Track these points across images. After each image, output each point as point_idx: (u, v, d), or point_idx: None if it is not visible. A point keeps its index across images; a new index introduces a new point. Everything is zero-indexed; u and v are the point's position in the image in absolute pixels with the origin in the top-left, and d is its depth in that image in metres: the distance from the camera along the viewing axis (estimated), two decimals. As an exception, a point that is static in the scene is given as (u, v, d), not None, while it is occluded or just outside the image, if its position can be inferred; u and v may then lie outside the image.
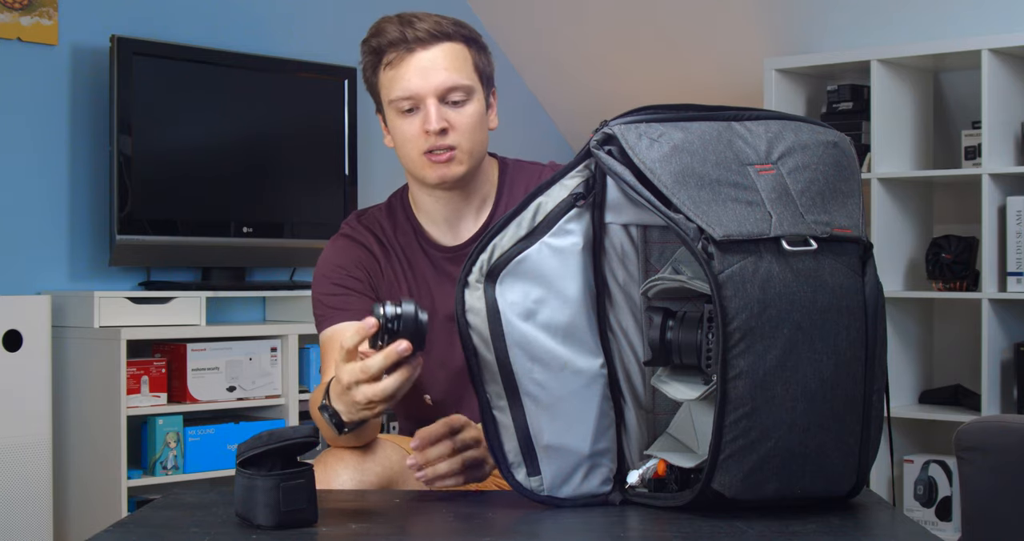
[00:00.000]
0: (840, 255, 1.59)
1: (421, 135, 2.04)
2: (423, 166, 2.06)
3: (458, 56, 2.06)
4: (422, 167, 2.06)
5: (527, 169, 2.20)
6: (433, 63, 2.03)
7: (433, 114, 2.03)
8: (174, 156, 4.08)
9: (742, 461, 1.54)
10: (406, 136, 2.06)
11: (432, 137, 2.03)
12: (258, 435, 1.58)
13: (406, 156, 2.08)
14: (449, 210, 2.13)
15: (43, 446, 3.64)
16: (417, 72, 2.03)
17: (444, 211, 2.14)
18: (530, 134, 5.25)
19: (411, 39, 2.03)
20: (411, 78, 2.03)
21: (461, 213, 2.14)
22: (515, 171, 2.19)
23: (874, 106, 4.15)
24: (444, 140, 2.04)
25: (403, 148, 2.08)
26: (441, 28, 2.05)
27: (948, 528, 4.00)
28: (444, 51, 2.05)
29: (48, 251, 3.97)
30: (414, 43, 2.03)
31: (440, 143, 2.04)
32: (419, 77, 2.03)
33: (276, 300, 4.35)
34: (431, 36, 2.04)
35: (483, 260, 1.67)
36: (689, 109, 1.67)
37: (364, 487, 1.91)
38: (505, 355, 1.67)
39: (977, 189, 3.99)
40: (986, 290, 3.94)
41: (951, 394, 4.20)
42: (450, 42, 2.06)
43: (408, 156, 2.08)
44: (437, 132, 2.03)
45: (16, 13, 3.89)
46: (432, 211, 2.15)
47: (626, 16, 4.83)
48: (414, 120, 2.05)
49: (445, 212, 2.14)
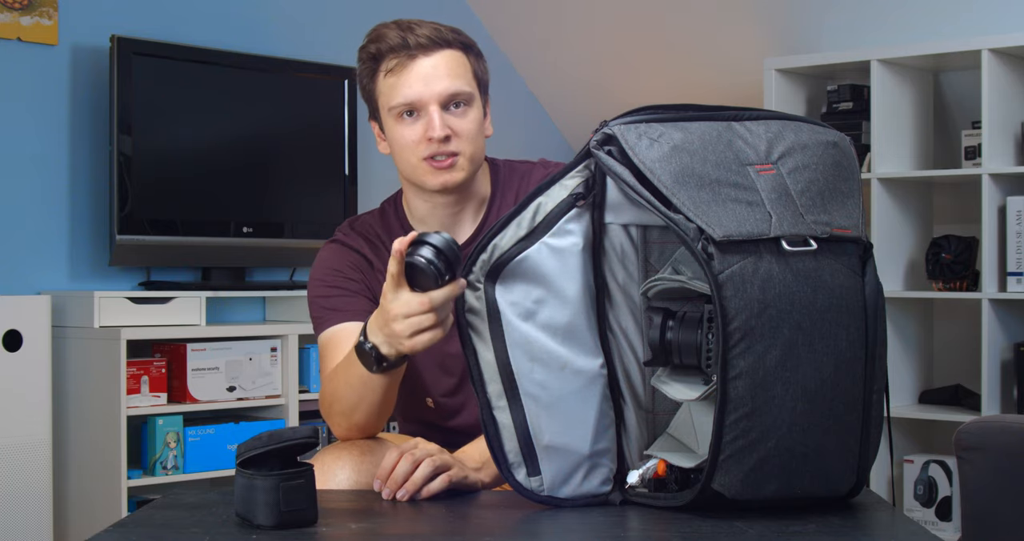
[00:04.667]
0: (840, 255, 1.59)
1: (423, 141, 2.04)
2: (425, 172, 2.05)
3: (459, 63, 2.06)
4: (424, 173, 2.06)
5: (519, 169, 2.20)
6: (435, 70, 2.03)
7: (437, 121, 2.02)
8: (174, 156, 4.08)
9: (742, 461, 1.54)
10: (407, 142, 2.05)
11: (435, 144, 2.03)
12: (258, 436, 1.58)
13: (406, 162, 2.07)
14: (446, 215, 2.13)
15: (43, 446, 3.64)
16: (420, 79, 2.02)
17: (441, 216, 2.13)
18: (530, 134, 5.25)
19: (412, 45, 2.02)
20: (413, 84, 2.02)
21: (457, 218, 2.14)
22: (507, 172, 2.19)
23: (874, 106, 4.14)
24: (447, 147, 2.03)
25: (403, 153, 2.07)
26: (441, 35, 2.05)
27: (948, 528, 4.00)
28: (445, 58, 2.04)
29: (48, 251, 3.97)
30: (416, 49, 2.02)
31: (443, 149, 2.03)
32: (422, 83, 2.02)
33: (276, 300, 4.35)
34: (432, 43, 2.03)
35: (483, 260, 1.68)
36: (689, 109, 1.67)
37: (361, 487, 1.91)
38: (505, 355, 1.67)
39: (977, 189, 3.98)
40: (986, 290, 3.94)
41: (951, 394, 4.20)
42: (450, 49, 2.05)
43: (408, 162, 2.07)
44: (441, 139, 2.02)
45: (16, 13, 3.89)
46: (428, 216, 2.14)
47: (626, 16, 4.83)
48: (415, 126, 2.04)
49: (442, 217, 2.13)
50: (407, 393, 2.12)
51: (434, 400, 2.16)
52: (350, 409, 1.96)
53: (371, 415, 1.97)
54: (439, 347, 2.04)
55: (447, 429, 2.16)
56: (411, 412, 2.22)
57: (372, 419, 1.98)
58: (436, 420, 2.18)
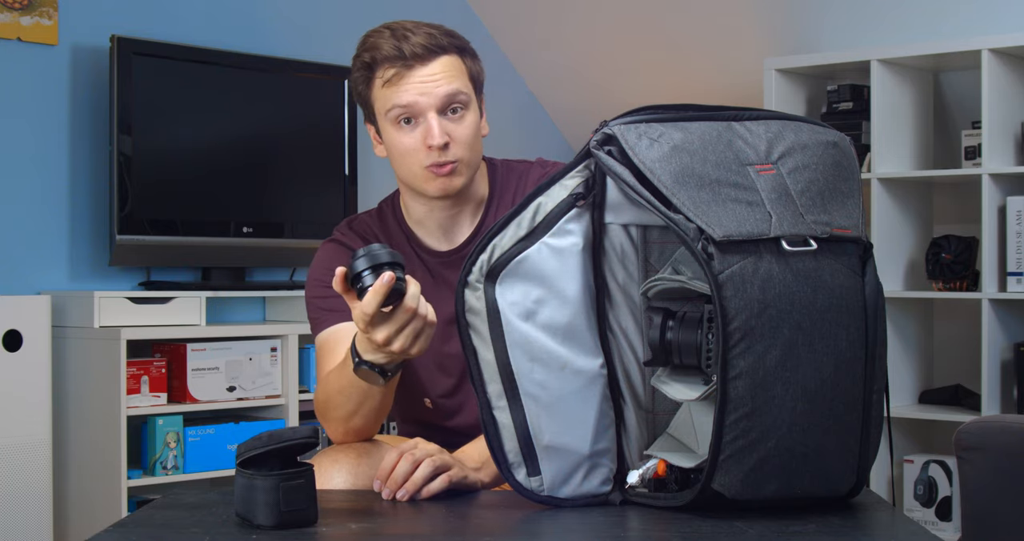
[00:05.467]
0: (840, 255, 1.59)
1: (422, 149, 2.02)
2: (425, 179, 2.05)
3: (455, 68, 2.04)
4: (424, 180, 2.05)
5: (516, 169, 2.19)
6: (432, 78, 2.01)
7: (436, 129, 2.01)
8: (174, 156, 4.08)
9: (742, 461, 1.54)
10: (406, 149, 2.04)
11: (435, 151, 2.02)
12: (258, 436, 1.58)
13: (406, 168, 2.06)
14: (444, 217, 2.12)
15: (43, 446, 3.64)
16: (416, 86, 2.01)
17: (440, 218, 2.12)
18: (530, 134, 5.24)
19: (408, 55, 2.01)
20: (409, 92, 2.01)
21: (456, 220, 2.13)
22: (505, 172, 2.18)
23: (874, 106, 4.14)
24: (446, 154, 2.02)
25: (402, 160, 2.06)
26: (436, 41, 2.03)
27: (948, 528, 4.00)
28: (442, 65, 2.03)
29: (48, 251, 3.97)
30: (412, 59, 2.01)
31: (442, 158, 2.02)
32: (418, 91, 2.01)
33: (276, 300, 4.35)
34: (427, 51, 2.01)
35: (483, 260, 1.68)
36: (689, 109, 1.67)
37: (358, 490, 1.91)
38: (505, 355, 1.67)
39: (977, 189, 3.98)
40: (986, 290, 3.94)
41: (951, 394, 4.19)
42: (446, 55, 2.03)
43: (408, 169, 2.06)
44: (440, 147, 2.02)
45: (16, 13, 3.89)
46: (426, 219, 2.13)
47: (626, 16, 4.83)
48: (413, 133, 2.03)
49: (440, 219, 2.13)
50: (405, 394, 2.12)
51: (432, 401, 2.16)
52: (347, 414, 1.97)
53: (368, 419, 1.97)
54: (437, 347, 2.04)
55: (446, 429, 2.15)
56: (409, 413, 2.22)
57: (369, 423, 1.98)
58: (434, 420, 2.18)
